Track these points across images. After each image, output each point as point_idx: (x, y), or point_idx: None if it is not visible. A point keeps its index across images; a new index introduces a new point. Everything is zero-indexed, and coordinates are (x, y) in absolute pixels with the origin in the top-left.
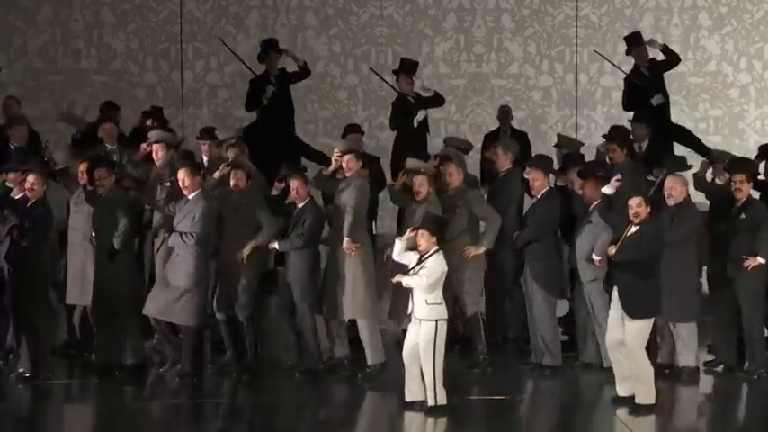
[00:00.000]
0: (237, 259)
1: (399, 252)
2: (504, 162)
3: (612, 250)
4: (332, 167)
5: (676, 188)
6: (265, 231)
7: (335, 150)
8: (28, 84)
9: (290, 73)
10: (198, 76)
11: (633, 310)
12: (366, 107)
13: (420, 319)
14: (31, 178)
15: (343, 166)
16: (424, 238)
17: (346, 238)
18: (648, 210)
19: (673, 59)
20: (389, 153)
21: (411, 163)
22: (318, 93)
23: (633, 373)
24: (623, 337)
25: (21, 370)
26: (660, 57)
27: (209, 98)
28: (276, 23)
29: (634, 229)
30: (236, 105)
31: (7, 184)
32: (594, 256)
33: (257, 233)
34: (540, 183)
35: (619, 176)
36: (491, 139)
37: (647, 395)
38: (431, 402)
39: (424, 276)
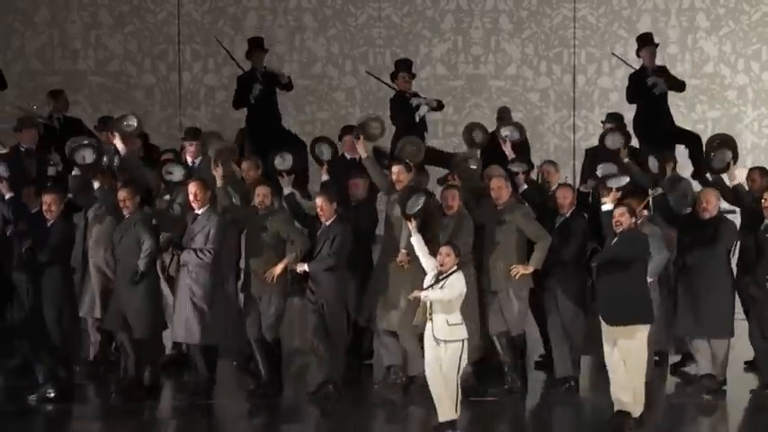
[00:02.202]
0: (267, 278)
1: (424, 257)
2: (555, 180)
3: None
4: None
5: (711, 201)
6: (297, 248)
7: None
8: (26, 85)
9: (277, 76)
10: (195, 78)
11: (609, 315)
12: (364, 108)
13: (444, 341)
14: (47, 198)
15: (393, 178)
16: (450, 257)
17: (402, 250)
18: (632, 220)
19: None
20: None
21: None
22: (316, 94)
23: (625, 384)
24: (617, 350)
25: (45, 390)
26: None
27: (207, 99)
28: (274, 25)
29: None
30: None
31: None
32: (648, 278)
33: (286, 252)
34: (570, 200)
35: (617, 194)
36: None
37: (634, 407)
38: (441, 418)
39: (446, 290)
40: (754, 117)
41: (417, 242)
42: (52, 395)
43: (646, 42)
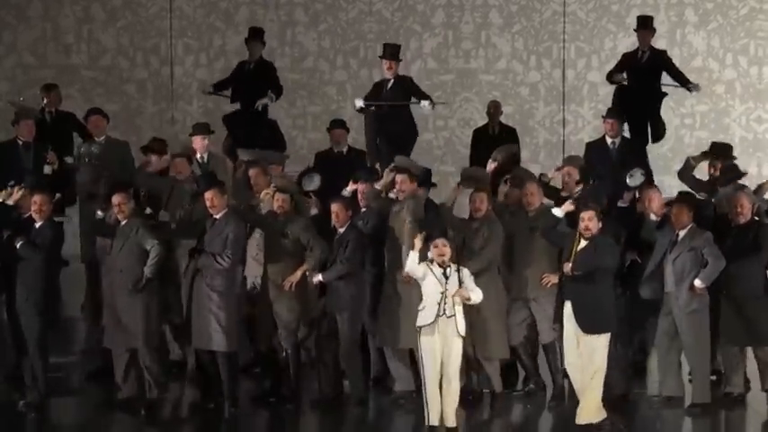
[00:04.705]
0: (286, 285)
1: (413, 263)
2: (575, 185)
3: (567, 267)
4: (382, 182)
5: (746, 205)
6: (316, 256)
7: (389, 167)
8: (19, 79)
9: (272, 69)
10: (187, 72)
11: (587, 325)
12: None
13: (462, 337)
14: (37, 198)
15: (397, 186)
16: (448, 248)
17: (406, 270)
18: (600, 225)
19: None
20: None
21: (469, 172)
22: (308, 88)
23: (585, 390)
24: (582, 355)
25: (29, 399)
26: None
27: (199, 93)
28: (265, 19)
29: (584, 243)
30: (225, 101)
31: (7, 202)
32: (698, 283)
33: (305, 258)
34: None
35: (571, 201)
36: (481, 135)
37: (596, 413)
38: (452, 423)
39: (478, 290)
40: (742, 111)
41: (412, 260)
42: (35, 402)
43: (643, 26)
